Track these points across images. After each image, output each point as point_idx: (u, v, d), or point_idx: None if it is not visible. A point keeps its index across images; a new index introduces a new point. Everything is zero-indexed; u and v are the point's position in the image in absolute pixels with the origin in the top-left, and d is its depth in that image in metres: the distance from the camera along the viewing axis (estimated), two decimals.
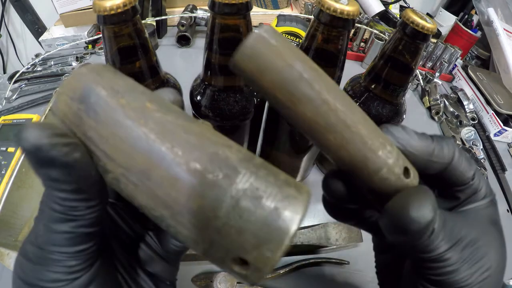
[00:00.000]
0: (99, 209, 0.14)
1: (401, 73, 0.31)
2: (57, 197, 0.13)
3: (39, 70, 0.61)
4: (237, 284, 0.34)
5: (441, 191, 0.18)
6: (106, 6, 0.22)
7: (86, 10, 0.65)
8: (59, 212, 0.13)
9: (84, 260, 0.14)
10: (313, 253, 0.37)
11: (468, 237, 0.15)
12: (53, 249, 0.13)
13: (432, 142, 0.16)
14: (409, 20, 0.27)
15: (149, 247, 0.18)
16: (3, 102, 0.54)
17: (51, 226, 0.13)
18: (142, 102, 0.13)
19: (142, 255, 0.18)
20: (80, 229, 0.13)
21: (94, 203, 0.13)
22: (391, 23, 0.74)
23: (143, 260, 0.18)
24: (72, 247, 0.13)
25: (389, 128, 0.16)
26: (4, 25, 0.91)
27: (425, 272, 0.15)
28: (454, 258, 0.15)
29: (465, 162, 0.16)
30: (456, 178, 0.16)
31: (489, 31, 0.68)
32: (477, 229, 0.16)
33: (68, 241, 0.13)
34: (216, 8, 0.24)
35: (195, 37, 0.71)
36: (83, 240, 0.13)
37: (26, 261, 0.13)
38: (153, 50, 0.28)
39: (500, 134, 0.58)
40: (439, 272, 0.15)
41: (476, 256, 0.15)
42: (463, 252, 0.15)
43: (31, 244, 0.13)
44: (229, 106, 0.30)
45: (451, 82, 0.71)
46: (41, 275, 0.13)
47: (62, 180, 0.12)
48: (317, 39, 0.26)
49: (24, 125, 0.13)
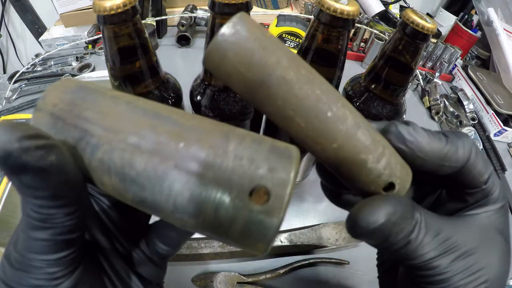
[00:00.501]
0: (78, 215, 0.13)
1: (401, 73, 0.31)
2: (33, 204, 0.12)
3: (39, 70, 0.61)
4: (237, 284, 0.34)
5: (449, 191, 0.17)
6: (106, 6, 0.22)
7: (86, 10, 0.65)
8: (36, 219, 0.12)
9: (65, 267, 0.13)
10: (313, 253, 0.37)
11: (465, 246, 0.14)
12: (33, 257, 0.12)
13: (445, 143, 0.15)
14: (409, 20, 0.27)
15: (141, 250, 0.18)
16: (3, 102, 0.54)
17: (30, 233, 0.12)
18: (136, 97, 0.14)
19: (134, 258, 0.18)
20: (59, 237, 0.12)
21: (73, 209, 0.13)
22: (391, 23, 0.74)
23: (135, 262, 0.18)
24: (52, 255, 0.13)
25: (396, 128, 0.15)
26: (4, 25, 0.91)
27: (416, 279, 0.15)
28: (443, 266, 0.14)
29: (480, 164, 0.15)
30: (468, 181, 0.15)
31: (489, 31, 0.68)
32: (478, 237, 0.15)
33: (47, 248, 0.12)
34: (216, 8, 0.24)
35: (195, 37, 0.71)
36: (63, 247, 0.13)
37: (8, 265, 0.13)
38: (153, 50, 0.28)
39: (500, 134, 0.58)
40: (429, 280, 0.14)
41: (473, 266, 0.14)
42: (457, 261, 0.14)
43: (13, 248, 0.13)
44: (229, 106, 0.30)
45: (451, 82, 0.71)
46: (22, 280, 0.13)
47: (37, 187, 0.11)
48: (317, 39, 0.26)
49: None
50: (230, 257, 0.36)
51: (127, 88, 0.28)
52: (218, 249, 0.35)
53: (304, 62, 0.14)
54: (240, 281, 0.34)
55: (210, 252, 0.35)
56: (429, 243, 0.14)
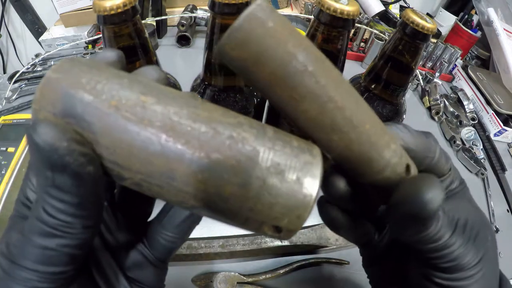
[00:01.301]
0: (93, 231, 0.13)
1: (401, 73, 0.31)
2: (53, 207, 0.11)
3: (39, 70, 0.61)
4: (237, 284, 0.34)
5: None
6: (106, 6, 0.22)
7: (86, 10, 0.65)
8: (49, 225, 0.11)
9: (57, 285, 0.12)
10: (313, 253, 0.37)
11: (461, 219, 0.16)
12: (25, 265, 0.12)
13: (426, 137, 0.16)
14: (409, 20, 0.27)
15: (139, 252, 0.17)
16: (3, 102, 0.54)
17: (31, 237, 0.11)
18: (135, 96, 0.12)
19: (130, 261, 0.17)
20: (65, 249, 0.12)
21: (91, 223, 0.12)
22: (391, 23, 0.74)
23: (131, 266, 0.17)
24: (48, 267, 0.12)
25: (393, 126, 0.16)
26: (4, 25, 0.91)
27: (433, 263, 0.15)
28: (458, 242, 0.15)
29: (444, 155, 0.17)
30: (438, 171, 0.17)
31: (489, 31, 0.68)
32: (463, 209, 0.16)
33: (46, 259, 0.12)
34: (216, 8, 0.24)
35: (195, 37, 0.71)
36: (64, 262, 0.12)
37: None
38: (153, 50, 0.28)
39: (500, 134, 0.58)
40: (448, 259, 0.15)
41: (472, 234, 0.16)
42: (464, 234, 0.15)
43: (2, 251, 0.12)
44: (229, 106, 0.30)
45: (451, 82, 0.71)
46: (7, 286, 0.12)
47: (67, 191, 0.11)
48: (317, 39, 0.26)
49: (40, 119, 0.11)
50: (230, 257, 0.36)
51: None
52: (218, 249, 0.35)
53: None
54: (240, 281, 0.34)
55: (210, 252, 0.35)
56: (445, 221, 0.15)
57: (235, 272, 0.34)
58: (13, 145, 0.43)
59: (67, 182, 0.11)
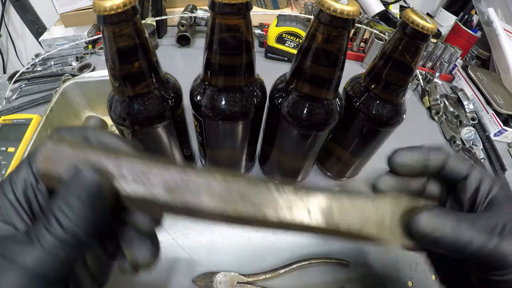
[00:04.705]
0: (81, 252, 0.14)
1: (401, 73, 0.31)
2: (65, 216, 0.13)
3: (39, 70, 0.61)
4: (237, 284, 0.34)
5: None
6: (106, 6, 0.22)
7: (86, 10, 0.65)
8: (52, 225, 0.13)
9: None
10: (313, 253, 0.37)
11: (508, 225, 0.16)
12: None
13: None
14: (409, 20, 0.27)
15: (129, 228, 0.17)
16: (3, 102, 0.54)
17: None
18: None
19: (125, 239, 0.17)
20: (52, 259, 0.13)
21: (89, 243, 0.14)
22: (391, 23, 0.74)
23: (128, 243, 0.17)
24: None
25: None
26: (4, 25, 0.91)
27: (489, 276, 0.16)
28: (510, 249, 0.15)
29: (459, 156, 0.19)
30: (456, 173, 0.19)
31: (489, 31, 0.68)
32: (504, 213, 0.17)
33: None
34: (216, 8, 0.24)
35: (195, 37, 0.71)
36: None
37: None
38: (153, 50, 0.28)
39: (500, 134, 0.58)
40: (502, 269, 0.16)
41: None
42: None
43: None
44: (229, 106, 0.30)
45: (451, 82, 0.71)
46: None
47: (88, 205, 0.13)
48: (317, 39, 0.26)
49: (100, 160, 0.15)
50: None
51: (127, 88, 0.28)
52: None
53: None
54: (240, 281, 0.34)
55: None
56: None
57: (235, 272, 0.34)
58: (13, 145, 0.43)
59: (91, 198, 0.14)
